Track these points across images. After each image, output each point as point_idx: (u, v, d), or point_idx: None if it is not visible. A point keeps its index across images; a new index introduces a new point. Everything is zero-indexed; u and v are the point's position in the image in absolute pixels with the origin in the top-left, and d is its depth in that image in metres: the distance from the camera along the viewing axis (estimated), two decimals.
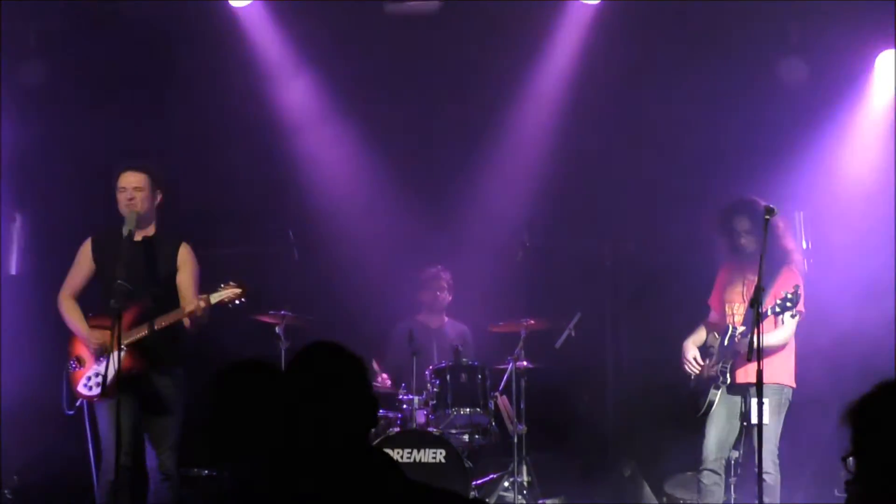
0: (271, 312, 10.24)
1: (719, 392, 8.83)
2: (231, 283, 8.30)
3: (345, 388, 3.64)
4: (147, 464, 8.30)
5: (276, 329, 10.26)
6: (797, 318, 8.67)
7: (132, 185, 8.36)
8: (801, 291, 8.36)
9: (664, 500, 10.59)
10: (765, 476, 7.77)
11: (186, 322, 8.28)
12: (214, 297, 8.22)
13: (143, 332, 8.13)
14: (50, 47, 10.96)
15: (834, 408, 8.35)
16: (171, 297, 8.37)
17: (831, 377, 9.43)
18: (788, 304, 8.20)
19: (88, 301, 8.56)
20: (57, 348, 8.57)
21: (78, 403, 8.21)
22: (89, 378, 8.14)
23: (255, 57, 11.44)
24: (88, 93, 10.95)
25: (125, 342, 7.96)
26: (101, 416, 8.14)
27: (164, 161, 8.80)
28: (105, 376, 7.90)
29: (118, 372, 7.68)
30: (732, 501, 9.22)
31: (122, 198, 8.35)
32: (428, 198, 11.68)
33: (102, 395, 8.03)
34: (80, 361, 8.23)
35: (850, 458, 3.42)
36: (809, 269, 9.52)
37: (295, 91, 11.60)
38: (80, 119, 10.75)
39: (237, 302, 8.34)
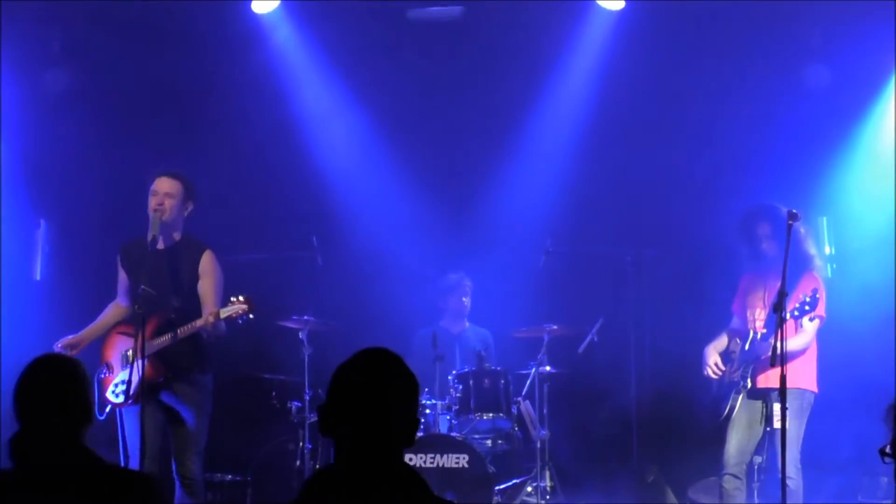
0: (294, 318, 10.31)
1: (740, 397, 8.88)
2: (238, 299, 8.26)
3: (399, 404, 3.52)
4: (173, 469, 8.38)
5: (300, 334, 10.34)
6: (817, 322, 8.71)
7: (164, 191, 8.45)
8: (819, 295, 8.39)
9: None
10: (787, 481, 7.78)
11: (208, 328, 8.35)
12: (224, 312, 8.23)
13: (165, 340, 8.21)
14: (74, 54, 11.04)
15: (856, 412, 8.46)
16: (194, 306, 8.45)
17: (854, 382, 9.42)
18: (806, 307, 8.23)
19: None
20: (82, 354, 8.63)
21: (108, 409, 8.30)
22: (116, 385, 8.24)
23: (280, 61, 11.51)
24: (112, 99, 11.04)
25: (148, 353, 8.05)
26: (128, 422, 8.25)
27: (189, 167, 8.84)
28: (129, 383, 7.95)
29: (142, 379, 7.77)
30: None
31: (151, 201, 8.43)
32: (451, 203, 11.72)
33: (127, 401, 8.11)
34: (110, 368, 8.33)
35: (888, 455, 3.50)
36: (833, 274, 9.56)
37: (319, 98, 11.65)
38: (104, 125, 10.84)
39: (247, 317, 8.28)
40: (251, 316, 8.29)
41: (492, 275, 11.51)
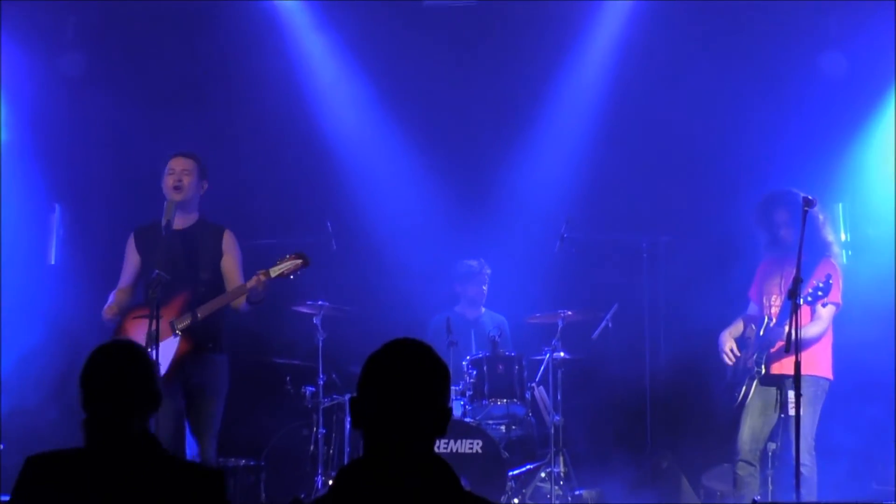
0: (309, 303, 10.33)
1: (754, 383, 8.88)
2: (290, 256, 8.36)
3: (431, 394, 3.50)
4: (188, 452, 8.36)
5: (314, 319, 10.36)
6: (831, 308, 8.71)
7: (180, 168, 8.47)
8: (833, 281, 8.37)
9: (702, 491, 10.61)
10: (802, 468, 7.77)
11: (239, 302, 8.38)
12: (274, 271, 8.28)
13: (187, 320, 8.24)
14: (88, 39, 11.06)
15: (872, 399, 8.47)
16: (217, 284, 8.49)
17: (870, 369, 9.42)
18: (820, 293, 8.22)
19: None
20: (96, 336, 8.65)
21: None
22: None
23: (296, 48, 11.53)
24: (127, 84, 11.06)
25: (181, 326, 8.18)
26: None
27: (204, 152, 8.85)
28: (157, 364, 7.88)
29: (173, 359, 7.80)
30: (770, 494, 9.27)
31: (169, 181, 8.44)
32: (466, 189, 11.75)
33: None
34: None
35: None
36: (848, 261, 9.56)
37: (335, 84, 11.67)
38: (118, 110, 10.86)
39: (298, 273, 8.38)
40: (304, 269, 8.41)
41: (507, 260, 11.54)
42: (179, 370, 8.21)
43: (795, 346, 7.59)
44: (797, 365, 7.62)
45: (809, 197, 7.95)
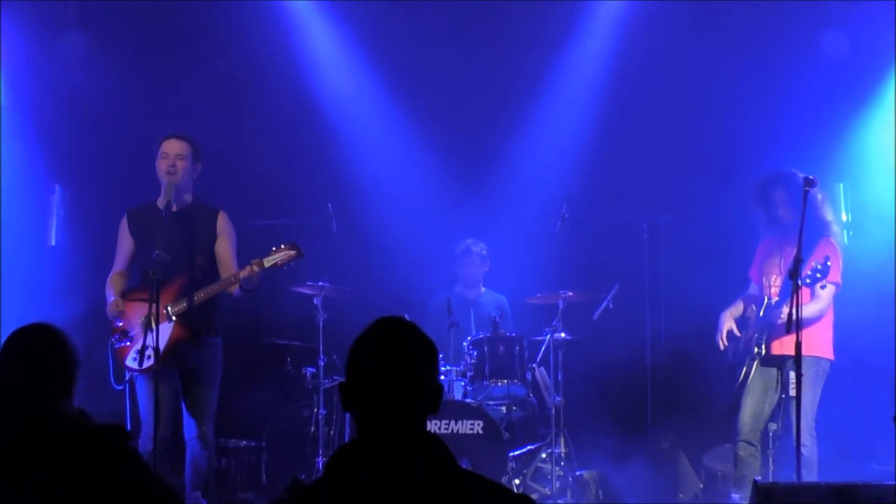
0: (309, 284, 10.33)
1: (755, 364, 8.88)
2: (284, 246, 8.35)
3: (418, 371, 3.46)
4: (185, 434, 8.37)
5: (315, 300, 10.36)
6: (831, 288, 8.70)
7: (174, 152, 8.42)
8: (832, 262, 8.36)
9: (702, 472, 10.62)
10: (802, 449, 7.77)
11: (233, 289, 8.35)
12: (268, 261, 8.27)
13: (182, 305, 8.22)
14: (87, 19, 11.03)
15: (872, 379, 8.45)
16: (212, 268, 8.48)
17: (870, 348, 9.41)
18: (818, 275, 8.21)
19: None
20: (95, 317, 8.65)
21: (127, 378, 8.20)
22: (138, 352, 8.03)
23: (296, 29, 11.53)
24: (127, 64, 11.04)
25: (177, 312, 8.18)
26: (140, 388, 8.16)
27: (203, 133, 8.83)
28: (156, 349, 7.81)
29: (169, 342, 7.77)
30: (770, 474, 9.27)
31: (163, 164, 8.40)
32: (467, 169, 11.76)
33: (153, 367, 8.03)
34: (126, 335, 8.22)
35: None
36: (849, 241, 9.54)
37: (336, 66, 11.67)
38: (119, 91, 10.85)
39: (291, 263, 8.38)
40: (297, 260, 8.41)
41: (508, 241, 11.55)
42: (174, 354, 8.19)
43: (796, 327, 7.59)
44: (798, 345, 7.61)
45: (810, 177, 7.94)
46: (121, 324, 8.29)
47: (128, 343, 8.23)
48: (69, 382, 4.46)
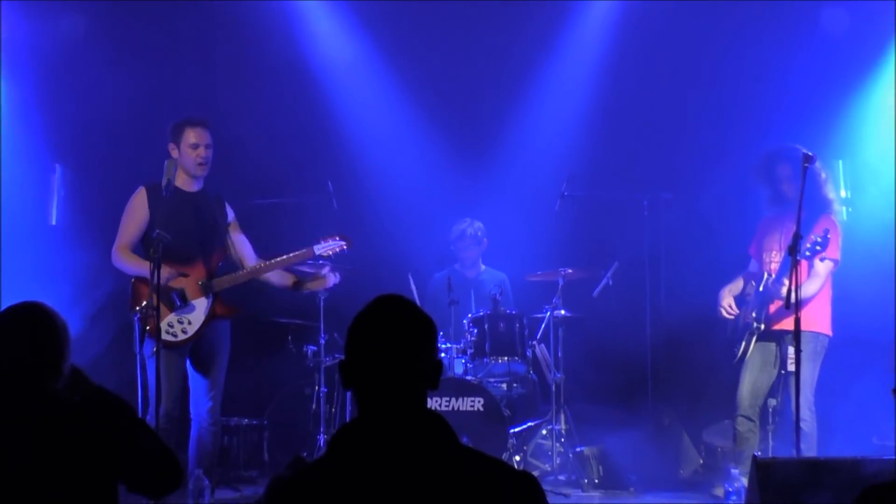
0: (310, 263, 10.31)
1: (754, 339, 8.91)
2: (335, 237, 8.58)
3: (416, 348, 3.46)
4: (193, 410, 8.39)
5: None
6: (829, 264, 8.72)
7: (204, 142, 8.35)
8: (831, 236, 8.37)
9: (702, 447, 10.65)
10: (801, 424, 7.79)
11: (291, 281, 8.72)
12: (319, 250, 8.54)
13: (226, 283, 8.32)
14: (88, 2, 11.01)
15: (870, 354, 8.45)
16: (228, 249, 8.56)
17: (870, 325, 9.41)
18: (818, 247, 8.22)
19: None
20: (97, 296, 8.64)
21: (154, 349, 7.91)
22: (171, 325, 8.10)
23: (297, 9, 11.52)
24: (128, 44, 11.03)
25: (222, 287, 8.28)
26: (151, 363, 8.00)
27: (206, 114, 8.80)
28: (158, 323, 7.77)
29: (158, 319, 7.71)
30: (770, 449, 9.29)
31: (193, 154, 8.30)
32: (468, 148, 11.79)
33: (189, 340, 8.10)
34: (152, 308, 7.78)
35: None
36: (848, 218, 9.54)
37: (336, 45, 11.67)
38: (119, 71, 10.83)
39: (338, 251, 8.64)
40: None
41: (508, 219, 11.57)
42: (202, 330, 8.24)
43: (795, 303, 7.61)
44: (797, 321, 7.64)
45: (809, 153, 7.96)
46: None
47: (157, 315, 7.85)
48: (60, 358, 4.52)
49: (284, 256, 8.47)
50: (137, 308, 8.04)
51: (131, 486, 4.47)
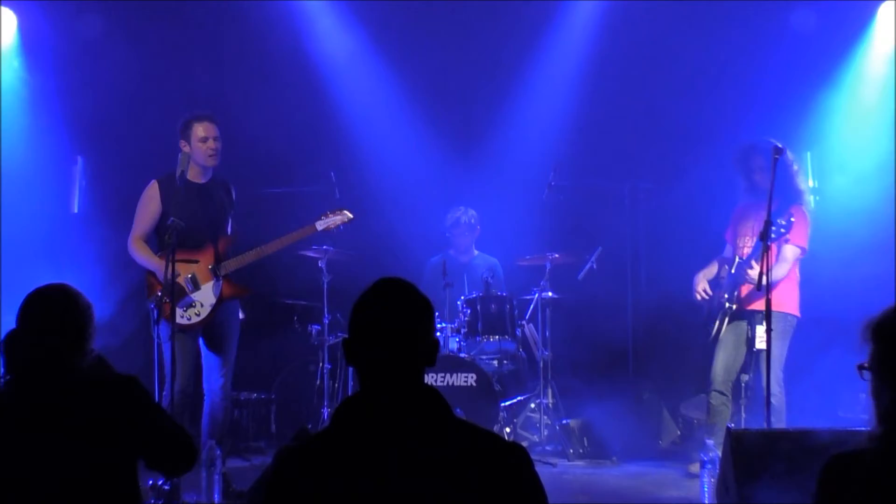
0: (314, 248, 10.37)
1: (726, 319, 8.98)
2: (338, 210, 8.70)
3: (415, 328, 3.48)
4: (205, 386, 8.44)
5: (319, 263, 10.42)
6: (795, 250, 8.81)
7: (213, 135, 8.38)
8: (795, 222, 8.48)
9: (680, 420, 10.70)
10: (771, 398, 7.88)
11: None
12: (322, 224, 8.63)
13: (233, 266, 8.37)
14: (109, 1, 11.03)
15: (834, 333, 8.52)
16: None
17: (830, 304, 9.46)
18: (782, 230, 8.25)
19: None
20: (115, 282, 8.68)
21: (170, 334, 7.93)
22: (186, 308, 8.15)
23: (301, 9, 11.54)
24: (143, 45, 11.04)
25: (227, 271, 8.32)
26: (167, 347, 8.05)
27: (215, 109, 8.84)
28: (172, 305, 7.79)
29: (173, 302, 7.75)
30: (743, 421, 9.36)
31: (203, 147, 8.33)
32: (461, 141, 11.82)
33: (203, 321, 8.14)
34: (166, 296, 7.86)
35: (866, 370, 3.59)
36: (815, 206, 9.60)
37: (337, 45, 11.70)
38: (134, 70, 10.85)
39: (341, 227, 8.78)
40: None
41: (499, 207, 11.61)
42: (215, 311, 8.30)
43: (767, 285, 7.70)
44: (768, 302, 7.72)
45: (780, 145, 8.06)
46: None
47: (167, 299, 7.87)
48: (84, 337, 4.54)
49: (287, 235, 8.51)
50: (152, 297, 8.18)
51: (149, 464, 4.52)
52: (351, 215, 8.68)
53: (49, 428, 4.24)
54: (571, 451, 10.07)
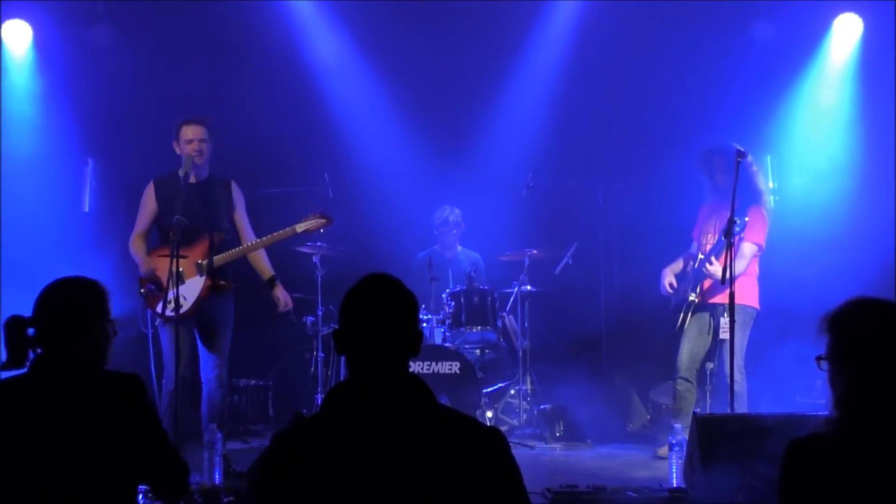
0: (309, 244, 10.35)
1: (691, 311, 9.02)
2: (315, 215, 8.56)
3: (400, 320, 3.51)
4: (202, 374, 8.43)
5: (313, 259, 10.40)
6: (753, 247, 8.86)
7: (199, 137, 8.40)
8: (751, 222, 8.59)
9: (649, 405, 10.71)
10: (734, 385, 7.90)
11: (267, 277, 8.71)
12: (301, 227, 8.51)
13: (234, 255, 8.41)
14: (116, 14, 11.00)
15: (793, 325, 8.53)
16: (233, 231, 8.62)
17: (790, 297, 9.47)
18: (737, 228, 8.24)
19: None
20: (125, 277, 8.65)
21: (157, 323, 8.17)
22: (171, 301, 7.99)
23: (295, 17, 11.53)
24: (148, 53, 11.01)
25: (216, 265, 8.33)
26: (165, 333, 8.18)
27: (213, 112, 8.84)
28: (176, 299, 7.79)
29: (176, 297, 7.76)
30: (708, 406, 9.38)
31: (189, 148, 8.36)
32: (446, 144, 11.79)
33: (182, 315, 8.08)
34: (157, 286, 8.16)
35: (824, 360, 3.60)
36: (775, 206, 9.61)
37: (330, 49, 11.68)
38: (140, 76, 10.84)
39: (321, 230, 8.66)
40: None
41: (481, 206, 11.59)
42: (199, 305, 8.26)
43: (730, 279, 7.72)
44: (731, 295, 7.75)
45: (741, 149, 8.07)
46: (146, 276, 8.30)
47: (157, 292, 8.15)
48: (103, 329, 4.44)
49: (269, 235, 8.50)
50: (141, 292, 8.28)
51: (143, 477, 4.33)
52: (329, 220, 8.60)
53: (57, 419, 4.13)
54: (548, 434, 10.07)
